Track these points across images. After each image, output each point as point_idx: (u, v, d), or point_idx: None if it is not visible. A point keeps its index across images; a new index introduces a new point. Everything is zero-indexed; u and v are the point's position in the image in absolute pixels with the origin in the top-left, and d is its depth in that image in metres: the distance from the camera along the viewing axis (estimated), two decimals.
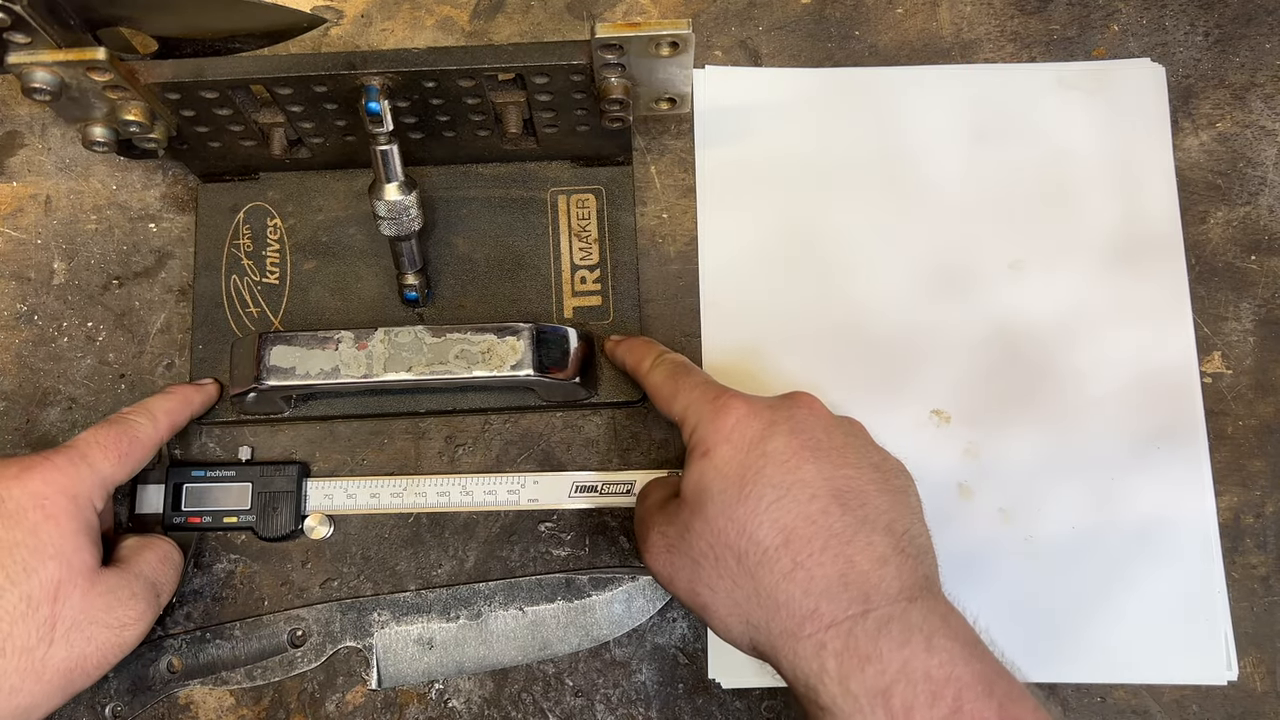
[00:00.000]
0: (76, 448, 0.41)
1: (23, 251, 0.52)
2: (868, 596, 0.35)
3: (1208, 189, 0.52)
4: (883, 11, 0.54)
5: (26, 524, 0.38)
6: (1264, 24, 0.53)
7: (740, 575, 0.37)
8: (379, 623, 0.47)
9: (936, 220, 0.51)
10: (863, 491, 0.38)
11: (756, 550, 0.36)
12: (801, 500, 0.37)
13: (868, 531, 0.36)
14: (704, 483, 0.38)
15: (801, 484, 0.37)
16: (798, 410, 0.39)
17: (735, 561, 0.37)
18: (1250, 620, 0.47)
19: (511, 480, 0.48)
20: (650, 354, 0.45)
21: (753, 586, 0.36)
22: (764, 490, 0.37)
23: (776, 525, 0.36)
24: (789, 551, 0.36)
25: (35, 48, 0.40)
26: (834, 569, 0.35)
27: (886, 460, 0.40)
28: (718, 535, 0.37)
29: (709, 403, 0.40)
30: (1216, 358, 0.50)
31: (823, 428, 0.39)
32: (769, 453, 0.38)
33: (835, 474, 0.38)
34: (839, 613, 0.35)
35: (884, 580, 0.36)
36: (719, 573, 0.37)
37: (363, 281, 0.50)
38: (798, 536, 0.36)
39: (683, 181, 0.52)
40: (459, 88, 0.43)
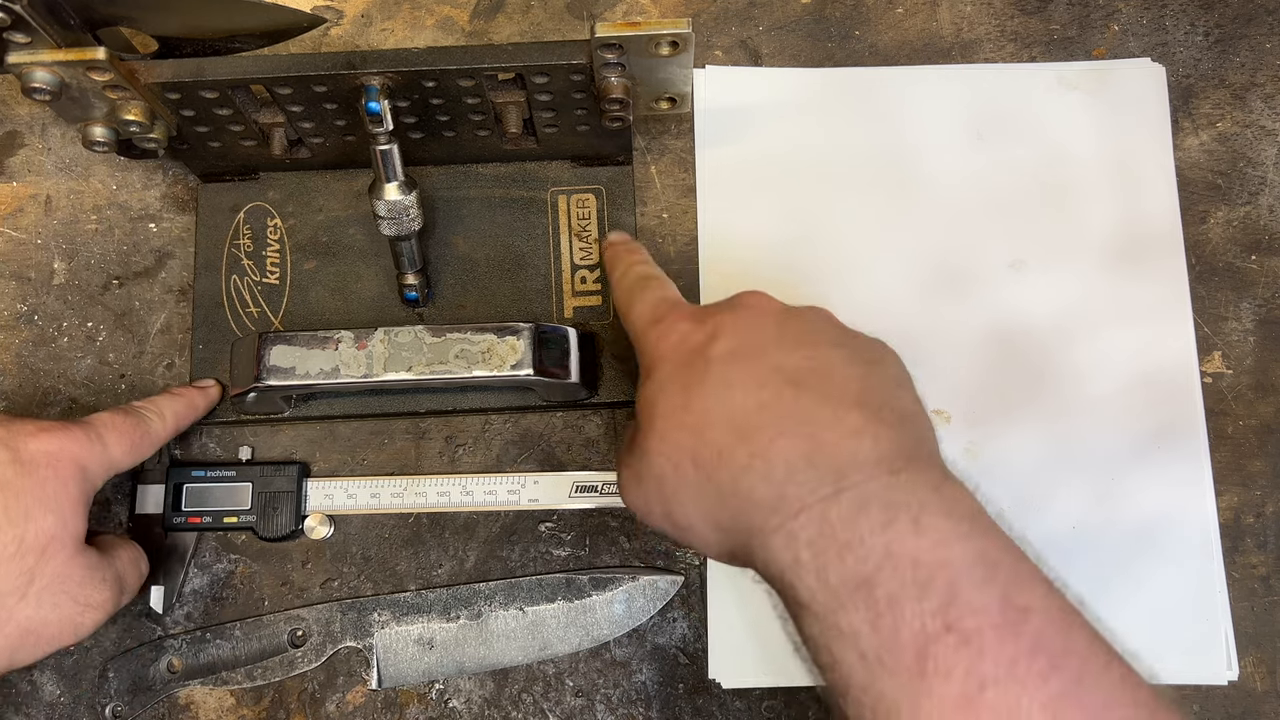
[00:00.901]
0: (93, 425, 0.42)
1: (23, 251, 0.52)
2: (841, 473, 0.31)
3: (1208, 189, 0.52)
4: (883, 11, 0.54)
5: (36, 475, 0.39)
6: (1264, 24, 0.53)
7: (700, 480, 0.34)
8: (379, 623, 0.47)
9: (937, 220, 0.51)
10: (824, 370, 0.34)
11: (710, 450, 0.33)
12: (750, 389, 0.33)
13: (833, 406, 0.33)
14: (652, 400, 0.36)
15: (751, 375, 0.34)
16: (742, 311, 0.37)
17: (693, 467, 0.34)
18: (1251, 620, 0.47)
19: (512, 480, 0.48)
20: (621, 263, 0.44)
21: (714, 489, 0.33)
22: (709, 391, 0.34)
23: (726, 421, 0.33)
24: (744, 444, 0.33)
25: (35, 47, 0.40)
26: (796, 450, 0.32)
27: (856, 338, 0.37)
28: (672, 447, 0.34)
29: (653, 325, 0.38)
30: (1217, 357, 0.50)
31: (774, 321, 0.36)
32: (711, 357, 0.35)
33: (787, 360, 0.34)
34: (808, 496, 0.31)
35: (858, 452, 0.31)
36: (681, 484, 0.34)
37: (363, 281, 0.50)
38: (750, 426, 0.33)
39: (683, 181, 0.52)
40: (459, 87, 0.43)
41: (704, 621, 0.47)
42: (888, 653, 0.29)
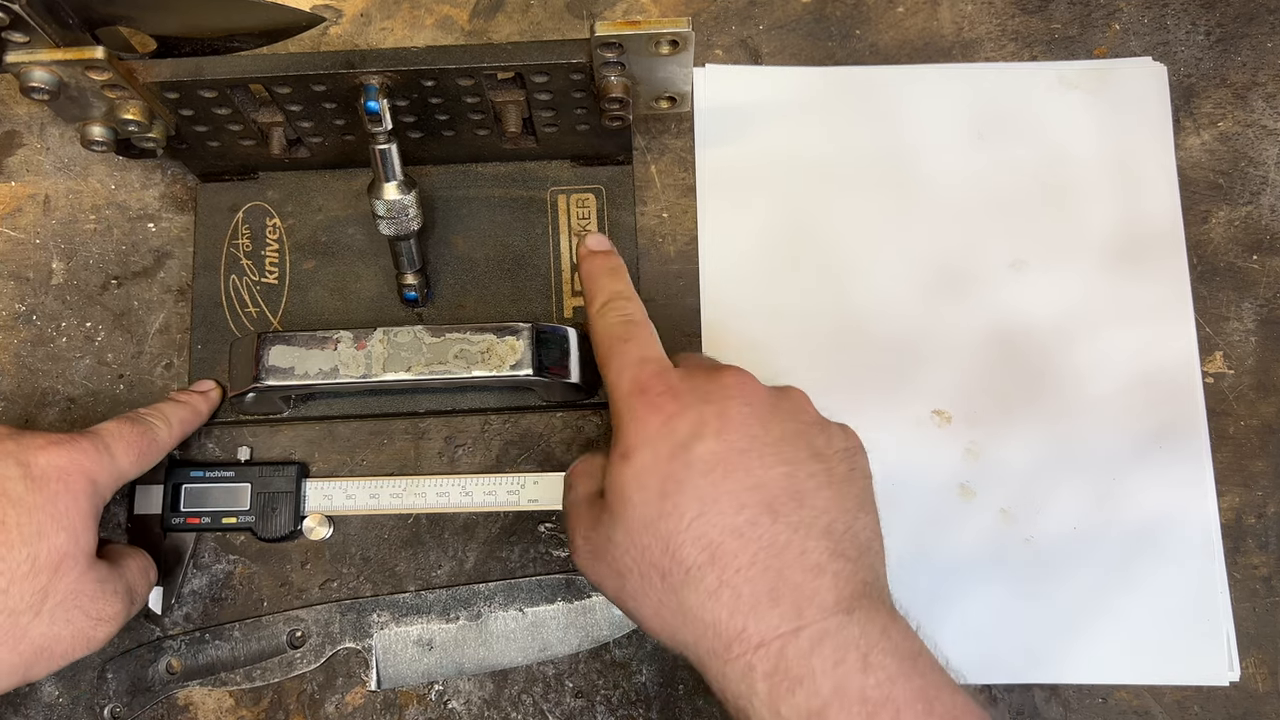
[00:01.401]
0: (101, 437, 0.42)
1: (21, 251, 0.51)
2: (800, 611, 0.33)
3: (1209, 188, 0.52)
4: (883, 10, 0.54)
5: (47, 491, 0.39)
6: (1265, 23, 0.53)
7: (665, 593, 0.35)
8: (378, 624, 0.47)
9: (937, 219, 0.51)
10: (799, 491, 0.35)
11: (680, 569, 0.34)
12: (728, 513, 0.34)
13: (802, 538, 0.34)
14: (625, 491, 0.35)
15: (728, 495, 0.34)
16: (729, 403, 0.36)
17: (660, 579, 0.35)
18: (1252, 620, 0.47)
19: (511, 480, 0.48)
20: (600, 294, 0.42)
21: (677, 604, 0.34)
22: (687, 504, 0.34)
23: (701, 542, 0.34)
24: (714, 569, 0.34)
25: (34, 47, 0.40)
26: (763, 584, 0.33)
27: (830, 441, 0.37)
28: (641, 551, 0.35)
29: (636, 395, 0.37)
30: (1218, 358, 0.50)
31: (758, 420, 0.36)
32: (693, 461, 0.35)
33: (767, 477, 0.35)
34: (768, 632, 0.33)
35: (819, 592, 0.33)
36: (644, 588, 0.35)
37: (362, 281, 0.50)
38: (723, 552, 0.34)
39: (683, 181, 0.52)
40: (458, 87, 0.43)
41: None
42: None
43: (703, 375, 0.38)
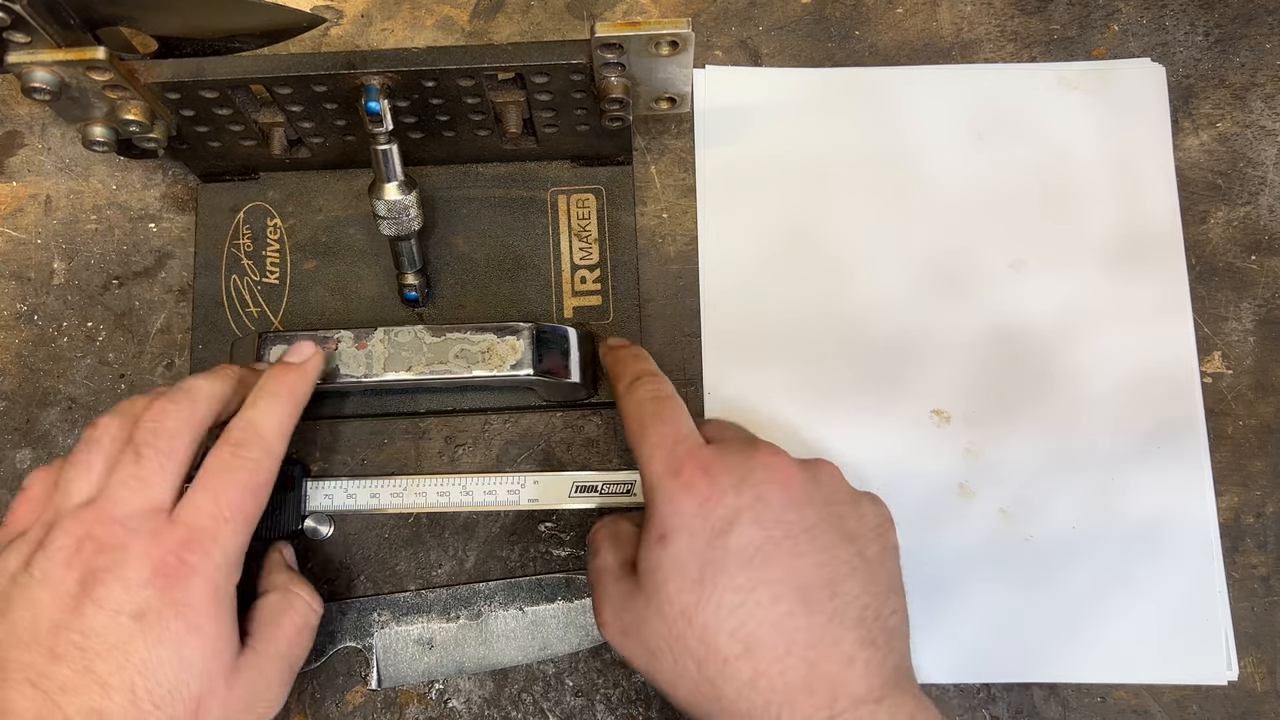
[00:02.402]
0: (206, 529, 0.36)
1: (22, 251, 0.52)
2: (833, 700, 0.34)
3: (1208, 189, 0.52)
4: (883, 11, 0.54)
5: (170, 640, 0.35)
6: (1264, 24, 0.53)
7: (700, 681, 0.35)
8: (379, 623, 0.47)
9: (937, 220, 0.51)
10: (833, 580, 0.36)
11: (717, 659, 0.35)
12: (764, 604, 0.35)
13: (836, 628, 0.35)
14: (661, 575, 0.36)
15: (765, 586, 0.35)
16: (766, 488, 0.37)
17: (695, 666, 0.35)
18: (1250, 620, 0.47)
19: (511, 480, 0.48)
20: (627, 374, 0.42)
21: (713, 693, 0.35)
22: (724, 595, 0.35)
23: (738, 635, 0.35)
24: (750, 661, 0.34)
25: (35, 47, 0.40)
26: (797, 675, 0.34)
27: (862, 521, 0.38)
28: (676, 638, 0.35)
29: (670, 475, 0.37)
30: (1217, 358, 0.50)
31: (794, 506, 0.37)
32: (730, 549, 0.35)
33: (801, 565, 0.36)
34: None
35: (850, 681, 0.34)
36: (678, 672, 0.36)
37: (363, 281, 0.50)
38: (760, 644, 0.35)
39: (683, 181, 0.52)
40: (459, 87, 0.43)
41: None
42: None
43: (737, 454, 0.38)
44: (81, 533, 0.36)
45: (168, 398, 0.39)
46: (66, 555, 0.36)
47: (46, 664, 0.34)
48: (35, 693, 0.34)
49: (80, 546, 0.36)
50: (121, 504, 0.37)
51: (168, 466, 0.37)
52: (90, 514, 0.37)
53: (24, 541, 0.37)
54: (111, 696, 0.34)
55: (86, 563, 0.35)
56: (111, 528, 0.36)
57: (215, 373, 0.41)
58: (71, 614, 0.35)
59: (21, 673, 0.34)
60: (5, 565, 0.37)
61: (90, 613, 0.35)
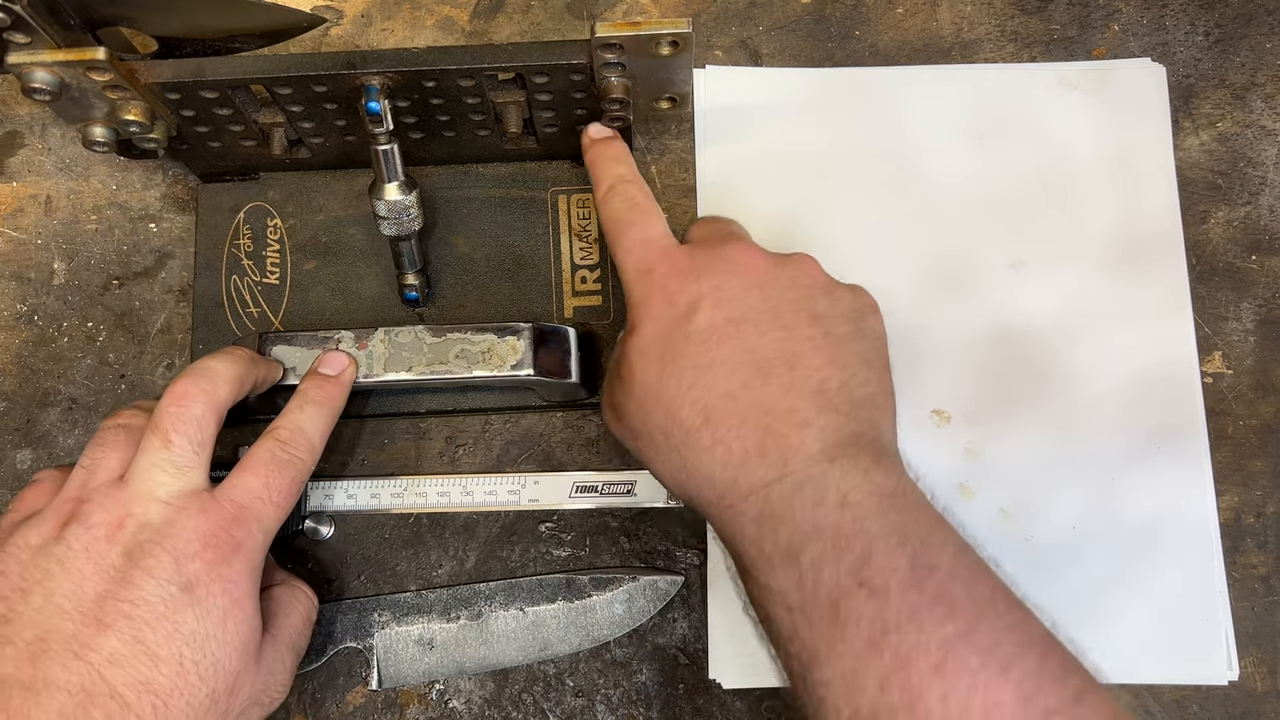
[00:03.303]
0: (252, 509, 0.38)
1: (23, 252, 0.52)
2: (785, 461, 0.35)
3: (1208, 189, 0.52)
4: (883, 11, 0.54)
5: (217, 613, 0.36)
6: (1264, 24, 0.53)
7: (669, 451, 0.37)
8: (379, 623, 0.47)
9: (937, 220, 0.51)
10: (793, 354, 0.37)
11: (680, 430, 0.37)
12: (721, 377, 0.37)
13: (792, 397, 0.36)
14: (630, 362, 0.39)
15: (722, 361, 0.37)
16: (728, 277, 0.39)
17: (664, 438, 0.37)
18: (1251, 620, 0.47)
19: (512, 480, 0.48)
20: (606, 177, 0.44)
21: (681, 462, 0.37)
22: (683, 372, 0.37)
23: (696, 405, 0.37)
24: (709, 429, 0.36)
25: (35, 48, 0.40)
26: (752, 440, 0.36)
27: (835, 304, 0.40)
28: (646, 415, 0.38)
29: (641, 274, 0.40)
30: (1217, 358, 0.50)
31: (756, 289, 0.38)
32: (690, 333, 0.37)
33: (760, 341, 0.37)
34: (755, 481, 0.35)
35: (804, 444, 0.35)
36: (654, 448, 0.38)
37: (363, 281, 0.50)
38: (716, 413, 0.36)
39: (683, 181, 0.52)
40: (459, 87, 0.43)
41: (704, 622, 0.47)
42: (809, 606, 0.34)
43: (706, 251, 0.40)
44: (121, 510, 0.36)
45: (188, 381, 0.39)
46: (108, 530, 0.36)
47: (92, 634, 0.34)
48: (80, 664, 0.34)
49: (122, 522, 0.36)
50: (161, 486, 0.37)
51: (201, 453, 0.39)
52: (126, 493, 0.37)
53: (44, 517, 0.37)
54: (160, 667, 0.34)
55: (132, 536, 0.36)
56: (153, 505, 0.37)
57: (229, 355, 0.41)
58: (119, 584, 0.35)
59: (64, 644, 0.34)
60: (25, 539, 0.36)
61: (139, 580, 0.35)
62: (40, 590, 0.35)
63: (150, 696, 0.34)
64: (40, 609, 0.35)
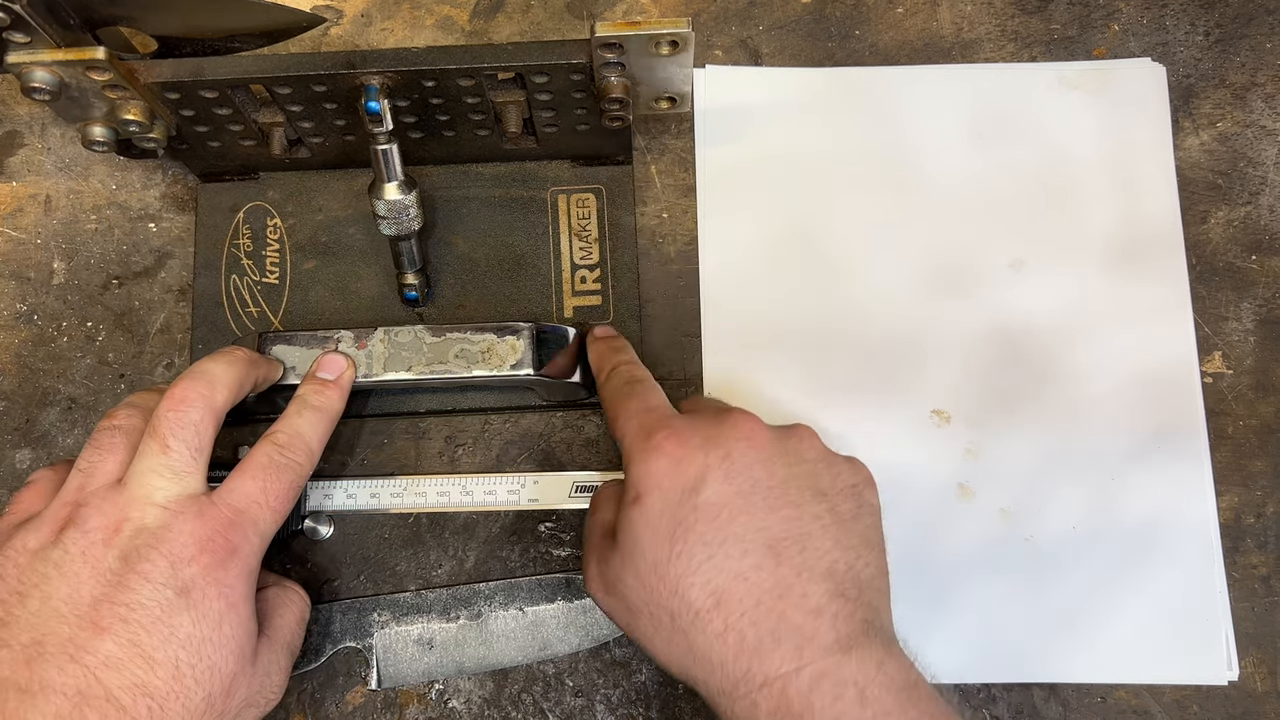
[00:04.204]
0: (248, 513, 0.38)
1: (22, 251, 0.52)
2: (800, 651, 0.34)
3: (1208, 188, 0.52)
4: (883, 11, 0.54)
5: (212, 617, 0.36)
6: (1265, 23, 0.53)
7: (674, 633, 0.36)
8: (379, 623, 0.47)
9: (937, 219, 0.51)
10: (802, 534, 0.36)
11: (689, 612, 0.35)
12: (733, 557, 0.35)
13: (804, 581, 0.35)
14: (635, 533, 0.37)
15: (734, 539, 0.36)
16: (735, 446, 0.37)
17: (669, 620, 0.36)
18: (1251, 620, 0.47)
19: (511, 480, 0.48)
20: (607, 364, 0.44)
21: (687, 645, 0.36)
22: (694, 549, 0.36)
23: (708, 587, 0.35)
24: (720, 613, 0.35)
25: (35, 47, 0.40)
26: (766, 626, 0.35)
27: (837, 479, 0.39)
28: (650, 593, 0.36)
29: (642, 440, 0.38)
30: (1217, 357, 0.50)
31: (762, 463, 0.37)
32: (700, 506, 0.36)
33: (771, 520, 0.36)
34: (771, 671, 0.34)
35: (818, 632, 0.35)
36: (654, 627, 0.37)
37: (363, 281, 0.50)
38: (729, 597, 0.35)
39: (683, 181, 0.52)
40: (459, 87, 0.43)
41: None
42: None
43: (708, 418, 0.39)
44: (118, 514, 0.36)
45: (187, 385, 0.39)
46: (105, 534, 0.36)
47: (88, 638, 0.34)
48: (76, 668, 0.34)
49: (119, 527, 0.36)
50: (159, 490, 0.37)
51: (199, 458, 0.39)
52: (124, 497, 0.37)
53: (42, 521, 0.37)
54: (155, 671, 0.34)
55: (128, 541, 0.36)
56: (150, 509, 0.37)
57: (227, 356, 0.41)
58: (115, 587, 0.35)
59: (60, 648, 0.34)
60: (23, 543, 0.36)
61: (135, 584, 0.35)
62: (37, 594, 0.35)
63: (146, 700, 0.34)
64: (37, 612, 0.35)
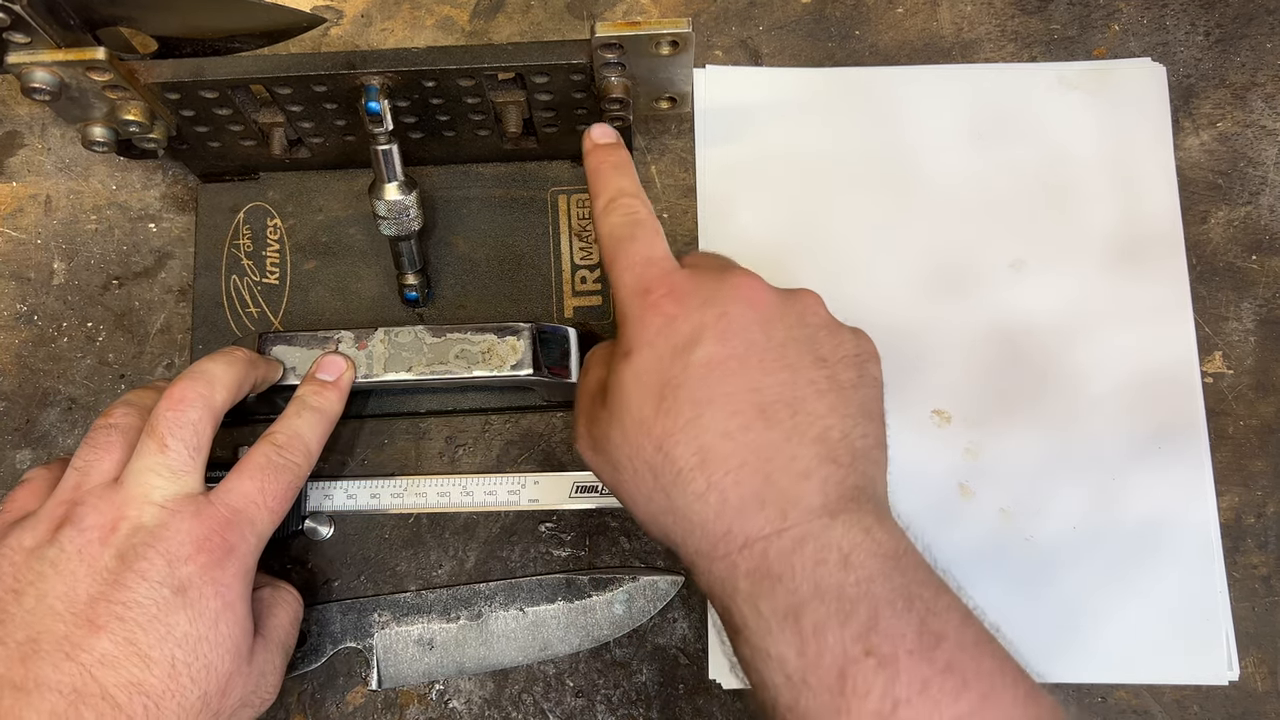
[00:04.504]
0: (246, 513, 0.38)
1: (22, 251, 0.52)
2: (784, 514, 0.33)
3: (1208, 188, 0.52)
4: (883, 11, 0.54)
5: (209, 615, 0.36)
6: (1265, 23, 0.53)
7: (656, 491, 0.35)
8: (379, 623, 0.47)
9: (937, 220, 0.51)
10: (795, 398, 0.35)
11: (671, 469, 0.34)
12: (721, 416, 0.34)
13: (793, 444, 0.34)
14: (624, 389, 0.36)
15: (723, 398, 0.34)
16: (733, 307, 0.36)
17: (651, 477, 0.35)
18: (1251, 620, 0.47)
19: (512, 480, 0.48)
20: (607, 188, 0.41)
21: (668, 503, 0.35)
22: (681, 407, 0.34)
23: (693, 444, 0.34)
24: (704, 472, 0.34)
25: (35, 47, 0.40)
26: (749, 488, 0.33)
27: (839, 347, 0.37)
28: (635, 449, 0.35)
29: (639, 296, 0.37)
30: (1217, 357, 0.50)
31: (760, 324, 0.36)
32: (691, 364, 0.35)
33: (764, 381, 0.35)
34: (752, 532, 0.33)
35: (804, 495, 0.33)
36: (637, 483, 0.35)
37: (363, 281, 0.50)
38: (714, 455, 0.34)
39: (683, 181, 0.52)
40: (459, 87, 0.43)
41: (704, 622, 0.47)
42: (811, 674, 0.31)
43: (709, 277, 0.37)
44: (115, 513, 0.36)
45: (186, 384, 0.39)
46: (102, 533, 0.36)
47: (84, 635, 0.34)
48: (71, 665, 0.34)
49: (116, 525, 0.36)
50: (156, 489, 0.37)
51: (196, 457, 0.39)
52: (121, 495, 0.37)
53: (39, 519, 0.37)
54: (151, 669, 0.34)
55: (125, 539, 0.36)
56: (147, 508, 0.37)
57: (227, 356, 0.41)
58: (111, 585, 0.35)
59: (55, 645, 0.34)
60: (19, 541, 0.36)
61: (132, 583, 0.35)
62: (33, 592, 0.35)
63: (142, 698, 0.34)
64: (33, 610, 0.35)
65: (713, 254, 0.42)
